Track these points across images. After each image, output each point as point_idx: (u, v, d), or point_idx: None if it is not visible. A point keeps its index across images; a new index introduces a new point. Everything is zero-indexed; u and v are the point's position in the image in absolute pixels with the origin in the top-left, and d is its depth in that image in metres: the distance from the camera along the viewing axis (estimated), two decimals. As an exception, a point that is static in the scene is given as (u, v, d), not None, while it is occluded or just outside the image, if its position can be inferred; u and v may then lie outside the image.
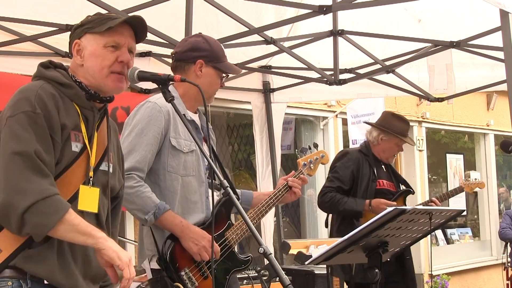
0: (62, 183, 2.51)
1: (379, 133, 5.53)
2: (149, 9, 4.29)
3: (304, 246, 4.47)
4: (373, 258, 3.37)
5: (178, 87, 3.62)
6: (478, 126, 12.55)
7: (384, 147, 5.53)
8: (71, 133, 2.54)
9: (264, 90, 6.61)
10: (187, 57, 3.62)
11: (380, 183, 5.47)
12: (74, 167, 2.55)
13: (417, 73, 6.04)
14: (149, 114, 3.46)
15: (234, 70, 3.73)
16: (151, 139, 3.42)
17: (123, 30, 2.65)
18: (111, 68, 2.63)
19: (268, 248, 2.48)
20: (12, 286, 2.46)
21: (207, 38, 3.67)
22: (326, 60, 5.63)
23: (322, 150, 4.32)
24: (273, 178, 6.53)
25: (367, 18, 5.30)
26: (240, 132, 9.40)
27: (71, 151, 2.54)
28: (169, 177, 3.49)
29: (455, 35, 5.32)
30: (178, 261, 3.45)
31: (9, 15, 4.62)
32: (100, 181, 2.65)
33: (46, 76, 2.61)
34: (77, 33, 2.67)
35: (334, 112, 9.58)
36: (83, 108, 2.62)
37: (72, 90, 2.60)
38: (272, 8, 5.33)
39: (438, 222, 3.51)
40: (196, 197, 3.55)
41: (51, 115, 2.47)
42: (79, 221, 2.43)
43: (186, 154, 3.51)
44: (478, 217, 12.96)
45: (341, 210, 5.30)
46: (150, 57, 5.61)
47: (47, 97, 2.50)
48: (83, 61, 2.64)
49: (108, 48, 2.62)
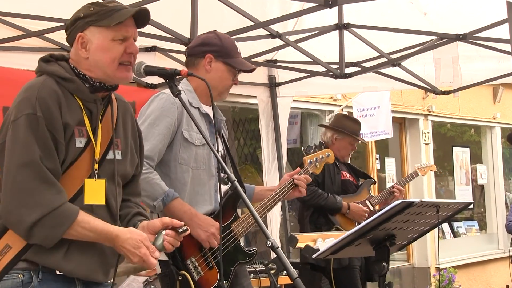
0: (68, 179, 2.54)
1: (333, 133, 5.88)
2: (155, 3, 4.28)
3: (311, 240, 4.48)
4: (380, 251, 3.36)
5: (191, 81, 3.65)
6: (485, 119, 12.52)
7: (339, 146, 5.84)
8: (75, 129, 2.56)
9: (269, 84, 6.60)
10: (197, 51, 3.64)
11: (344, 174, 5.85)
12: (78, 162, 2.57)
13: (423, 66, 6.02)
14: (162, 106, 3.49)
15: (245, 66, 3.72)
16: (163, 130, 3.44)
17: (129, 22, 2.65)
18: (121, 59, 2.63)
19: (275, 241, 2.48)
20: (23, 279, 2.49)
21: (219, 34, 3.69)
22: (332, 54, 5.62)
23: (328, 149, 4.35)
24: (279, 172, 6.53)
25: (372, 12, 5.29)
26: (246, 127, 9.39)
27: (75, 148, 2.55)
28: (180, 169, 3.51)
29: (461, 28, 5.30)
30: (185, 250, 3.47)
31: (15, 11, 4.62)
32: (108, 171, 2.66)
33: (47, 70, 2.61)
34: (80, 26, 2.63)
35: (340, 105, 9.56)
36: (85, 101, 2.62)
37: (74, 84, 2.59)
38: (277, 2, 5.32)
39: (446, 215, 3.50)
40: (204, 190, 3.57)
41: (53, 116, 2.48)
42: (89, 228, 2.47)
43: (197, 147, 3.53)
44: (485, 210, 12.94)
45: (322, 204, 5.59)
46: (156, 52, 5.61)
47: (49, 96, 2.50)
48: (88, 54, 2.62)
49: (117, 41, 2.62)
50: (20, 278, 2.49)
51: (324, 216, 5.64)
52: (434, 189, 11.41)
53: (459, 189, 11.97)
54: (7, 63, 4.94)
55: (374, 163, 10.48)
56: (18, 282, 2.48)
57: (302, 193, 3.94)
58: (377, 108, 9.01)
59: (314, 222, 5.64)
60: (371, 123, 9.03)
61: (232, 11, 4.69)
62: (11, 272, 2.49)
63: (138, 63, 2.69)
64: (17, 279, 2.49)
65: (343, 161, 5.95)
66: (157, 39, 4.97)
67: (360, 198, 5.80)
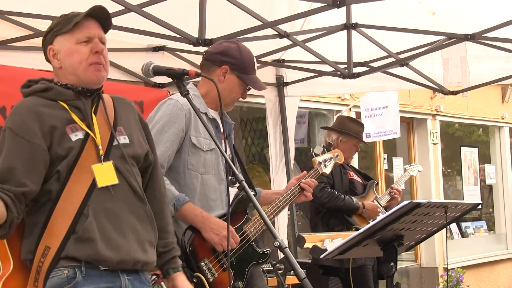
0: (80, 171, 2.66)
1: (338, 136, 5.88)
2: (163, 3, 4.29)
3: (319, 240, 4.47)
4: (388, 252, 3.36)
5: (200, 87, 3.67)
6: (493, 119, 12.48)
7: (344, 148, 5.73)
8: (66, 128, 2.68)
9: (277, 83, 6.60)
10: (215, 59, 3.66)
11: (350, 174, 5.88)
12: (85, 153, 2.68)
13: (431, 66, 6.01)
14: (170, 112, 3.50)
15: (258, 85, 3.74)
16: (171, 136, 3.46)
17: (90, 24, 2.76)
18: (89, 60, 2.73)
19: (283, 241, 2.49)
20: (67, 275, 2.61)
21: (241, 47, 3.70)
22: (340, 54, 5.61)
23: (337, 149, 4.37)
24: (286, 171, 6.52)
25: (380, 11, 5.28)
26: (253, 126, 9.39)
27: (72, 142, 2.67)
28: (189, 174, 3.52)
29: (469, 28, 5.28)
30: (198, 252, 3.48)
31: (23, 10, 4.64)
32: (117, 155, 2.75)
33: (28, 92, 2.78)
34: (48, 39, 2.79)
35: (348, 105, 9.55)
36: (70, 101, 2.74)
37: (53, 90, 2.74)
38: (285, 2, 5.31)
39: (454, 216, 3.50)
40: (215, 195, 3.59)
41: (25, 125, 2.64)
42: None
43: (205, 152, 3.55)
44: (493, 211, 12.90)
45: (340, 205, 5.60)
46: (163, 51, 5.61)
47: (23, 109, 2.69)
48: (60, 63, 2.76)
49: (81, 44, 2.73)
50: (65, 274, 2.60)
51: (336, 217, 5.65)
52: (442, 189, 11.38)
53: (467, 189, 11.95)
54: (15, 63, 4.95)
55: (382, 163, 10.47)
56: (64, 278, 2.60)
57: (308, 197, 3.95)
58: (385, 108, 8.99)
59: (327, 223, 5.66)
60: (379, 123, 9.02)
61: (240, 10, 4.69)
62: (55, 270, 2.61)
63: (146, 63, 2.72)
64: (62, 275, 2.60)
65: (347, 163, 5.95)
66: (165, 38, 4.97)
67: (368, 198, 5.82)
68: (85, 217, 2.62)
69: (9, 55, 4.98)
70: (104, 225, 2.63)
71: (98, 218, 2.63)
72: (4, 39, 4.84)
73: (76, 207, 2.63)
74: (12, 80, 4.71)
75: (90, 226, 2.61)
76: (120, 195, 2.70)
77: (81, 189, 2.65)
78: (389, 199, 5.94)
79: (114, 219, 2.67)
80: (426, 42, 5.65)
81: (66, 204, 2.64)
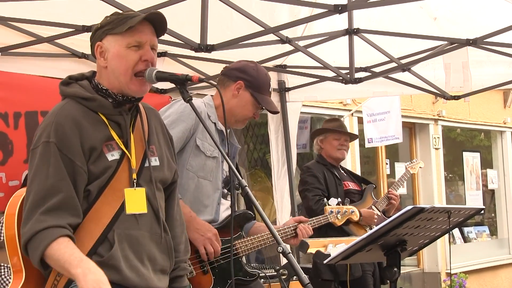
0: (111, 192, 2.59)
1: (317, 139, 5.92)
2: (165, 9, 4.29)
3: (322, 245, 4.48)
4: (391, 257, 3.36)
5: (215, 99, 3.73)
6: (495, 123, 12.48)
7: (327, 148, 5.85)
8: (104, 147, 2.59)
9: (279, 89, 6.60)
10: (232, 74, 3.73)
11: (346, 184, 5.83)
12: (118, 174, 2.60)
13: (433, 71, 6.01)
14: (181, 110, 3.54)
15: (270, 106, 3.80)
16: (177, 133, 3.47)
17: (144, 28, 2.66)
18: (136, 68, 2.64)
19: (286, 247, 2.49)
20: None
21: (259, 67, 3.78)
22: (342, 59, 5.61)
23: (353, 206, 4.57)
24: (288, 177, 6.52)
25: (382, 16, 5.28)
26: (255, 131, 9.39)
27: (108, 162, 2.59)
28: (186, 174, 3.55)
29: (471, 33, 5.28)
30: None
31: (26, 17, 4.64)
32: (147, 178, 2.69)
33: (68, 93, 2.66)
34: (98, 35, 2.68)
35: (350, 110, 9.55)
36: (110, 115, 2.65)
37: (95, 102, 2.63)
38: (286, 7, 5.32)
39: (457, 221, 3.49)
40: (208, 202, 3.62)
41: (69, 141, 2.53)
42: (59, 255, 2.44)
43: (207, 157, 3.57)
44: (496, 215, 12.89)
45: None
46: (164, 57, 5.62)
47: (66, 122, 2.55)
48: (107, 63, 2.66)
49: (131, 48, 2.64)
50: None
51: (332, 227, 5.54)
52: (444, 194, 11.37)
53: (469, 194, 11.94)
54: (18, 69, 4.95)
55: (384, 168, 10.47)
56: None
57: (295, 243, 3.98)
58: (387, 113, 8.99)
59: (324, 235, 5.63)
60: (381, 128, 9.02)
61: (241, 16, 4.69)
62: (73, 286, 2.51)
63: (149, 69, 2.70)
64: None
65: (343, 168, 5.97)
66: (167, 44, 4.97)
67: (366, 205, 5.79)
68: (109, 241, 2.56)
69: (11, 62, 4.98)
70: (127, 253, 2.58)
71: (122, 244, 2.57)
72: (6, 45, 4.84)
73: (101, 229, 2.56)
74: (14, 86, 4.73)
75: (115, 253, 2.55)
76: (144, 222, 2.65)
77: (108, 211, 2.58)
78: (387, 203, 5.93)
79: (137, 247, 2.62)
80: (428, 47, 5.65)
81: (92, 225, 2.56)
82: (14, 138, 4.65)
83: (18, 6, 4.45)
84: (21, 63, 5.04)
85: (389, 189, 6.13)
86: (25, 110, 4.73)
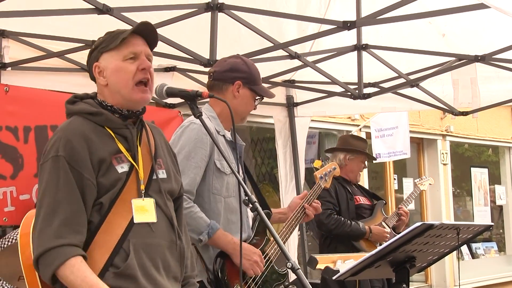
0: (122, 204, 2.61)
1: (345, 154, 5.93)
2: (174, 24, 4.32)
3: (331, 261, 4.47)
4: (400, 273, 3.36)
5: (214, 107, 3.70)
6: (503, 139, 12.45)
7: (352, 167, 5.91)
8: (113, 159, 2.62)
9: (287, 104, 6.61)
10: (226, 77, 3.68)
11: (357, 199, 5.87)
12: (128, 186, 2.63)
13: (442, 86, 6.01)
14: (195, 137, 3.51)
15: (269, 93, 3.82)
16: (198, 162, 3.47)
17: (136, 40, 2.72)
18: (135, 78, 2.69)
19: (296, 263, 2.48)
20: None
21: (245, 60, 3.75)
22: (350, 74, 5.62)
23: (334, 162, 4.64)
24: (297, 192, 6.51)
25: (391, 32, 5.29)
26: (263, 146, 9.40)
27: (118, 174, 2.62)
28: (213, 199, 3.54)
29: (479, 49, 5.29)
30: (230, 278, 3.50)
31: (36, 32, 4.67)
32: (156, 190, 2.72)
33: (74, 110, 2.71)
34: (94, 56, 2.75)
35: (358, 126, 9.55)
36: (117, 129, 2.68)
37: (102, 116, 2.68)
38: (294, 22, 5.34)
39: (466, 237, 3.49)
40: (237, 218, 3.58)
41: (77, 154, 2.57)
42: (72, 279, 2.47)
43: (228, 175, 3.58)
44: (504, 231, 12.83)
45: (347, 231, 5.62)
46: (174, 72, 5.64)
47: (75, 136, 2.59)
48: (107, 80, 2.71)
49: (128, 60, 2.69)
50: None
51: (342, 242, 5.65)
52: (452, 210, 11.34)
53: (477, 210, 11.89)
54: (28, 83, 4.97)
55: (392, 184, 10.45)
56: None
57: (310, 216, 4.07)
58: (395, 128, 8.99)
59: (334, 250, 5.62)
60: (389, 143, 9.01)
61: (250, 31, 4.71)
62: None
63: (160, 85, 2.73)
64: None
65: (355, 183, 5.97)
66: (176, 59, 5.00)
67: (376, 221, 5.80)
68: (125, 251, 2.58)
69: (21, 76, 5.01)
70: (144, 261, 2.60)
71: (138, 254, 2.59)
72: (16, 60, 4.87)
73: (116, 240, 2.58)
74: (24, 101, 4.74)
75: (131, 262, 2.57)
76: (160, 230, 2.68)
77: (121, 222, 2.60)
78: (397, 219, 5.92)
79: (153, 255, 2.64)
80: (436, 63, 5.66)
81: (106, 236, 2.58)
82: (24, 152, 4.66)
83: (29, 21, 4.48)
84: (31, 78, 5.06)
85: (400, 205, 6.12)
86: (35, 124, 4.74)
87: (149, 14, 4.28)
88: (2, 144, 4.59)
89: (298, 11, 4.95)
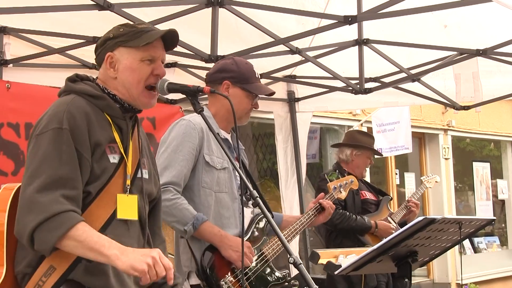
0: (106, 196, 2.56)
1: (352, 150, 5.90)
2: (175, 20, 4.31)
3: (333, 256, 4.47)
4: (402, 268, 3.35)
5: (210, 108, 3.72)
6: (505, 133, 12.44)
7: (359, 163, 5.89)
8: (106, 147, 2.58)
9: (288, 99, 6.61)
10: (215, 78, 3.71)
11: (363, 194, 5.88)
12: (114, 179, 2.59)
13: (443, 81, 6.00)
14: (184, 131, 3.54)
15: (263, 90, 3.78)
16: (186, 155, 3.49)
17: (158, 43, 2.69)
18: (148, 81, 2.67)
19: (298, 258, 2.48)
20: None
21: (236, 60, 3.75)
22: (351, 69, 5.62)
23: (352, 175, 4.69)
24: (298, 187, 6.51)
25: (392, 27, 5.27)
26: (265, 141, 9.40)
27: (110, 163, 2.58)
28: (203, 192, 3.55)
29: (481, 43, 5.28)
30: (218, 271, 3.49)
31: (37, 28, 4.67)
32: (138, 188, 2.69)
33: (76, 89, 2.64)
34: (109, 46, 2.68)
35: (359, 121, 9.55)
36: (115, 118, 2.65)
37: (104, 101, 2.63)
38: (294, 18, 5.32)
39: (468, 232, 3.48)
40: (229, 213, 3.61)
41: (80, 132, 2.50)
42: (87, 236, 2.39)
43: (219, 170, 3.58)
44: (506, 226, 12.83)
45: (353, 225, 5.63)
46: (175, 68, 5.64)
47: (78, 113, 2.53)
48: (116, 74, 2.67)
49: (145, 62, 2.66)
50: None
51: (348, 237, 5.67)
52: (454, 205, 11.33)
53: (479, 204, 11.89)
54: (29, 80, 4.98)
55: (393, 178, 10.45)
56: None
57: (326, 217, 4.05)
58: (396, 123, 8.99)
59: (339, 244, 5.66)
60: (390, 138, 9.01)
61: (250, 27, 4.70)
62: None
63: (161, 81, 2.71)
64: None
65: (361, 178, 5.96)
66: (177, 55, 4.99)
67: (381, 216, 5.80)
68: None
69: (22, 72, 5.02)
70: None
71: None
72: (17, 56, 4.87)
73: None
74: (26, 97, 4.75)
75: None
76: (133, 231, 2.64)
77: (102, 215, 2.54)
78: (406, 213, 5.91)
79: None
80: (437, 57, 5.65)
81: None
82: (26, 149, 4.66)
83: (30, 18, 4.48)
84: (33, 74, 5.07)
85: (409, 197, 6.12)
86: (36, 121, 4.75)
87: (150, 10, 4.28)
88: (4, 141, 4.59)
89: (299, 6, 4.94)
